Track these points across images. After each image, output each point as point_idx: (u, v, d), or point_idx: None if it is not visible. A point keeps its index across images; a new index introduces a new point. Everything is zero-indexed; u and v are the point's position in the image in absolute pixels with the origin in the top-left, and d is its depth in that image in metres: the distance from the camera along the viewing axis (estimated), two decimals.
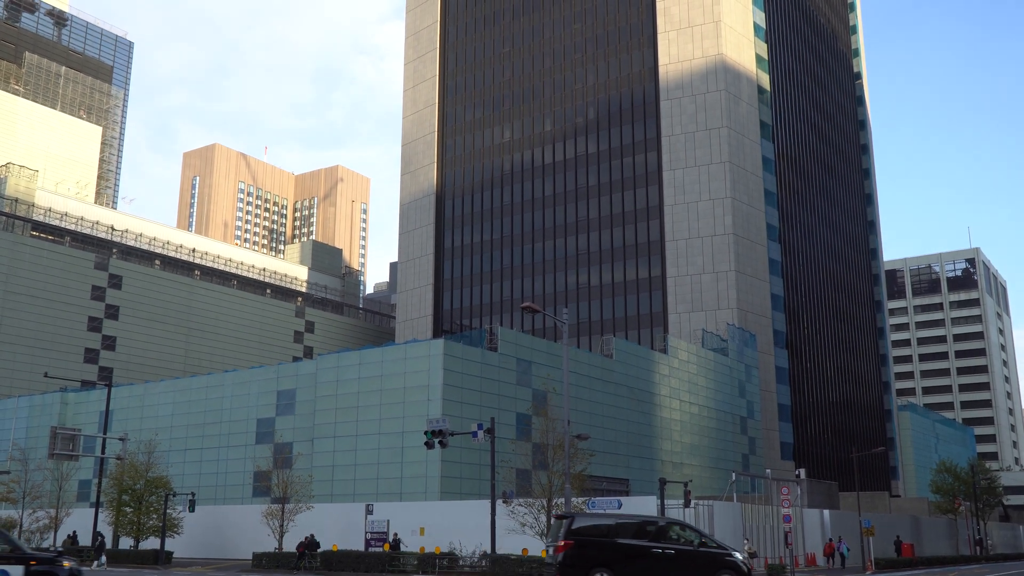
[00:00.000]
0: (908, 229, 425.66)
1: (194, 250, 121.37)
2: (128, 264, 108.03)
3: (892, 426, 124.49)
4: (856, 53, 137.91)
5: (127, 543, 56.34)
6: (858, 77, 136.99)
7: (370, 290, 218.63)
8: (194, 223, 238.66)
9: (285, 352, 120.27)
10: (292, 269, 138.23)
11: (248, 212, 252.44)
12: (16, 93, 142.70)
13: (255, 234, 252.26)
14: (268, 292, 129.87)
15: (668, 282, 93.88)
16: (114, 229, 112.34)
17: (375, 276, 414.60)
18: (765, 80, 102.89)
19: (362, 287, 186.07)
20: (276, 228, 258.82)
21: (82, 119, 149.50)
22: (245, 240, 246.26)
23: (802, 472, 62.82)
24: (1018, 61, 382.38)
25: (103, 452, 56.48)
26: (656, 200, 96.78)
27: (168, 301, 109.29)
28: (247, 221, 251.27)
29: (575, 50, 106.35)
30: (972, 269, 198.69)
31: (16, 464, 59.83)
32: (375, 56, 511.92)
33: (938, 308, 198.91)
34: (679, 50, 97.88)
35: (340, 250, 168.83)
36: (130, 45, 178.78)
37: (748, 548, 47.80)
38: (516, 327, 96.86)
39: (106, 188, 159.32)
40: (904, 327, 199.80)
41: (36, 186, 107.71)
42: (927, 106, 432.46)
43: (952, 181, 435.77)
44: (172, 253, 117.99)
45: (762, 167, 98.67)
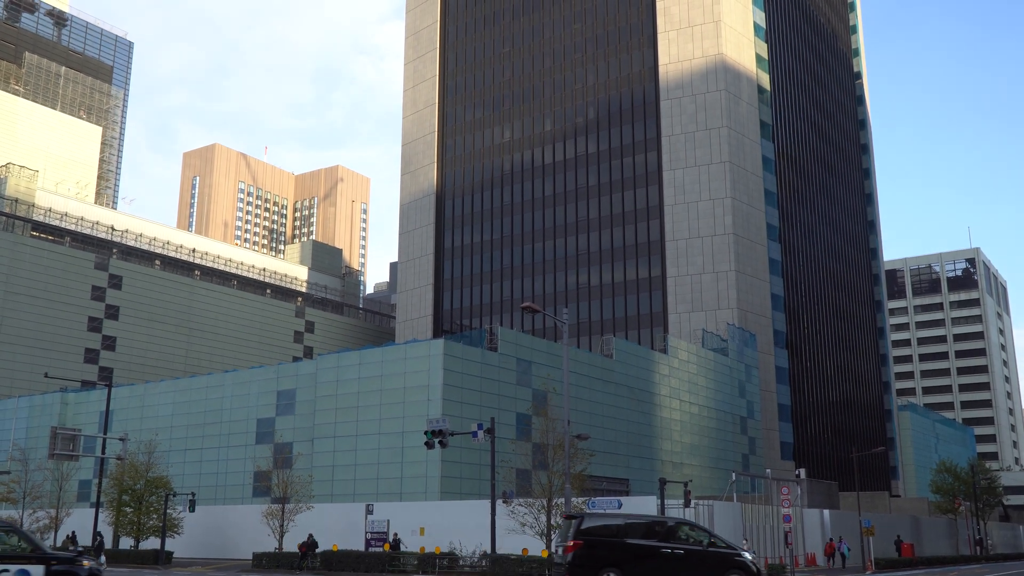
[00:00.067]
0: (908, 229, 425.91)
1: (194, 250, 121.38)
2: (128, 264, 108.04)
3: (892, 426, 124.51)
4: (856, 53, 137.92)
5: (127, 543, 56.35)
6: (858, 77, 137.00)
7: (370, 290, 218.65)
8: (194, 223, 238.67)
9: (285, 352, 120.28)
10: (292, 269, 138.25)
11: (248, 212, 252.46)
12: (16, 93, 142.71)
13: (255, 234, 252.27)
14: (268, 292, 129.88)
15: (668, 282, 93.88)
16: (114, 229, 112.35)
17: (375, 276, 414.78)
18: (765, 80, 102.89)
19: (362, 287, 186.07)
20: (276, 228, 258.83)
21: (82, 119, 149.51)
22: (245, 240, 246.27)
23: (802, 472, 62.81)
24: (1018, 61, 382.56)
25: (103, 452, 56.45)
26: (656, 200, 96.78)
27: (168, 301, 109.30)
28: (247, 221, 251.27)
29: (575, 50, 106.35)
30: (972, 269, 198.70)
31: (16, 464, 59.80)
32: (375, 56, 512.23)
33: (938, 308, 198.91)
34: (679, 50, 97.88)
35: (340, 250, 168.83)
36: (130, 45, 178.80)
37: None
38: (516, 327, 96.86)
39: (106, 188, 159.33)
40: (904, 327, 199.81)
41: (36, 186, 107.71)
42: (927, 106, 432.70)
43: (952, 181, 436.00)
44: (172, 253, 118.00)
45: (762, 167, 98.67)
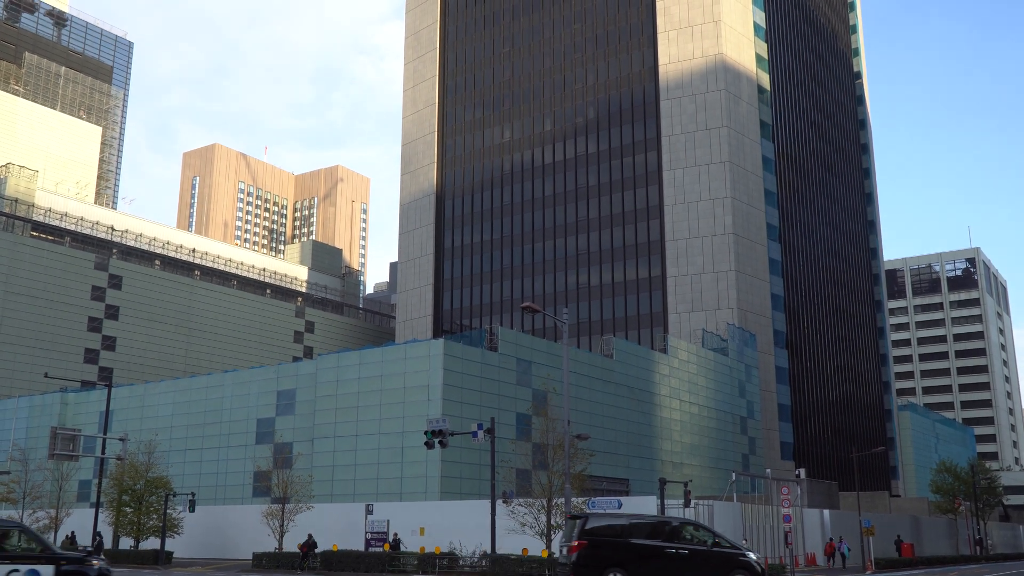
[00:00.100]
0: (908, 229, 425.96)
1: (194, 250, 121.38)
2: (128, 264, 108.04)
3: (892, 426, 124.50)
4: (856, 52, 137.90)
5: (127, 543, 56.35)
6: (858, 76, 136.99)
7: (370, 290, 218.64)
8: (194, 223, 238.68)
9: (285, 352, 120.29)
10: (292, 269, 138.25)
11: (248, 212, 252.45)
12: (16, 93, 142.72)
13: (255, 234, 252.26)
14: (268, 292, 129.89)
15: (668, 282, 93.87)
16: (114, 229, 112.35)
17: (375, 276, 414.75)
18: (765, 80, 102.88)
19: (362, 287, 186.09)
20: (276, 228, 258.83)
21: (82, 119, 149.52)
22: (245, 240, 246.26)
23: (802, 472, 62.80)
24: (1018, 61, 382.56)
25: (103, 452, 56.46)
26: (656, 200, 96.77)
27: (168, 301, 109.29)
28: (247, 221, 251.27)
29: (575, 50, 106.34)
30: (972, 269, 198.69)
31: (16, 464, 59.80)
32: (375, 56, 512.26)
33: (938, 308, 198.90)
34: (679, 50, 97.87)
35: (340, 250, 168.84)
36: (130, 45, 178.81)
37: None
38: (516, 327, 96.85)
39: (106, 188, 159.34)
40: (904, 327, 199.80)
41: (36, 186, 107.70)
42: (927, 105, 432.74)
43: (952, 181, 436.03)
44: (172, 253, 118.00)
45: (762, 167, 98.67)
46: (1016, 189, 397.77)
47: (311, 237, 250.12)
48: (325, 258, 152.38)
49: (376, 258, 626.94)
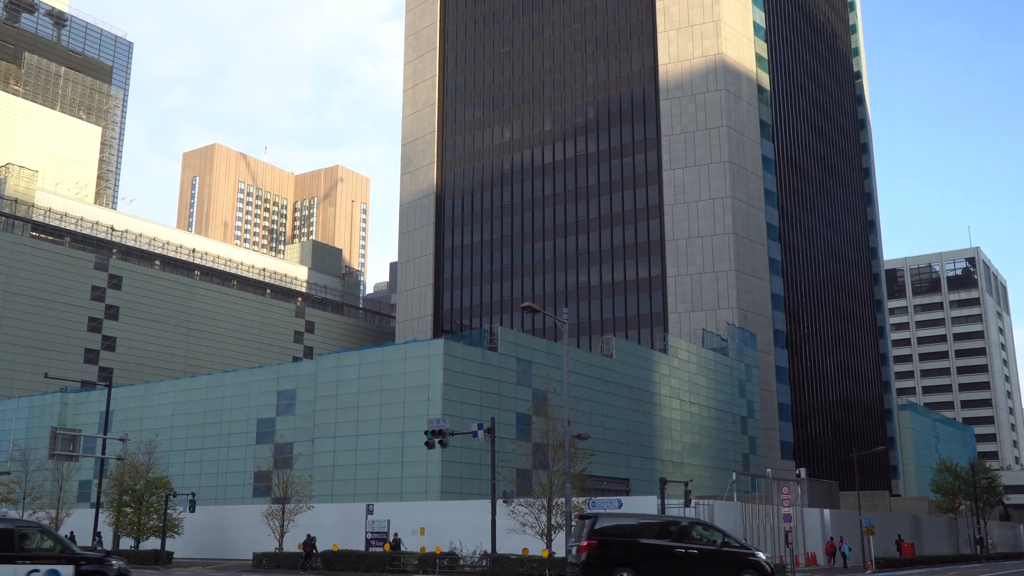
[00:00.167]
0: (908, 228, 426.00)
1: (194, 250, 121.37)
2: (128, 264, 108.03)
3: (892, 425, 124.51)
4: (856, 52, 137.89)
5: (128, 543, 56.33)
6: (858, 76, 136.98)
7: (370, 290, 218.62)
8: (194, 223, 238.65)
9: (285, 352, 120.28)
10: (292, 269, 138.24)
11: (248, 212, 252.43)
12: (16, 93, 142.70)
13: (255, 234, 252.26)
14: (268, 292, 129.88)
15: (668, 282, 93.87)
16: (114, 229, 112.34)
17: (375, 276, 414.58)
18: (765, 79, 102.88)
19: (362, 287, 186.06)
20: (276, 228, 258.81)
21: (82, 119, 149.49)
22: (245, 240, 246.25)
23: (802, 471, 62.78)
24: (1018, 61, 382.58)
25: (103, 452, 56.46)
26: (656, 200, 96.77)
27: (168, 301, 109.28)
28: (247, 221, 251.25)
29: (575, 50, 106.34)
30: (972, 268, 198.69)
31: (16, 465, 59.78)
32: (375, 56, 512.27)
33: (938, 307, 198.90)
34: (679, 50, 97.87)
35: (340, 250, 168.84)
36: (130, 45, 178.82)
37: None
38: (516, 327, 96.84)
39: (106, 188, 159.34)
40: (904, 326, 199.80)
41: (36, 186, 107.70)
42: (927, 105, 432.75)
43: (952, 181, 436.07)
44: (172, 253, 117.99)
45: (762, 166, 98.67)
46: (1016, 189, 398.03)
47: (311, 237, 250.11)
48: (325, 258, 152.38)
49: (376, 258, 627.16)
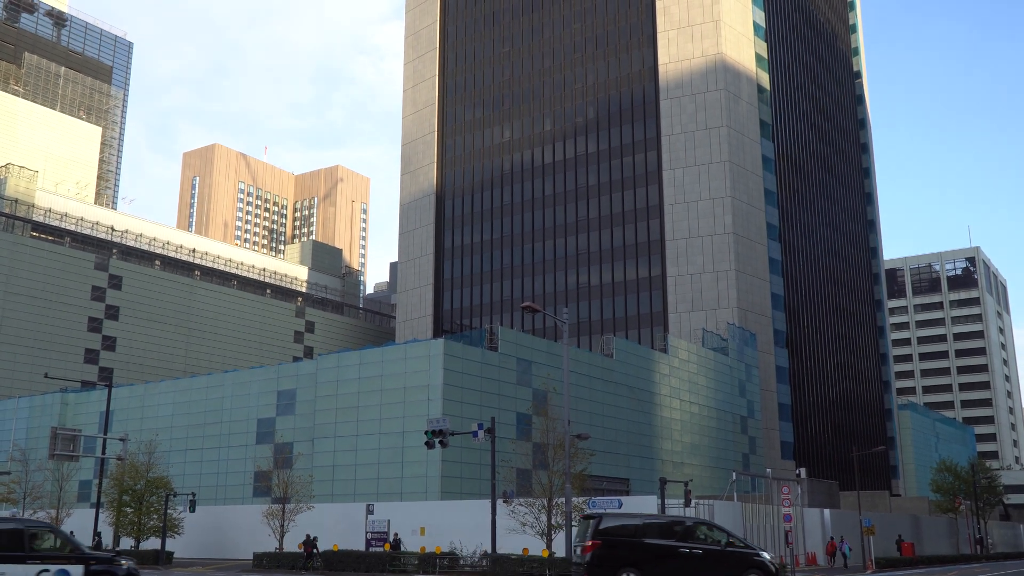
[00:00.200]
0: (908, 228, 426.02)
1: (194, 250, 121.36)
2: (128, 264, 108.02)
3: (892, 425, 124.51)
4: (856, 52, 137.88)
5: (128, 543, 56.33)
6: (858, 76, 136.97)
7: (370, 290, 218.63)
8: (194, 223, 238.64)
9: (285, 352, 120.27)
10: (292, 269, 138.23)
11: (248, 212, 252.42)
12: (16, 93, 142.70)
13: (255, 234, 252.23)
14: (268, 292, 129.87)
15: (668, 281, 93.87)
16: (114, 229, 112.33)
17: (375, 276, 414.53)
18: (765, 79, 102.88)
19: (362, 287, 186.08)
20: (276, 228, 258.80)
21: (82, 119, 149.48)
22: (245, 240, 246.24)
23: (802, 471, 62.77)
24: (1018, 61, 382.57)
25: (103, 452, 56.45)
26: (656, 199, 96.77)
27: (168, 301, 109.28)
28: (247, 221, 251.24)
29: (575, 50, 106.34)
30: (972, 268, 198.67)
31: (16, 465, 59.79)
32: (375, 56, 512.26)
33: (938, 307, 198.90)
34: (679, 49, 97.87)
35: (340, 250, 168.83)
36: (130, 45, 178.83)
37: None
38: (516, 327, 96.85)
39: (106, 188, 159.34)
40: (904, 326, 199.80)
41: (36, 186, 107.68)
42: (927, 105, 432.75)
43: (952, 181, 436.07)
44: (172, 253, 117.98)
45: (762, 166, 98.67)
46: (1016, 189, 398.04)
47: (311, 237, 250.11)
48: (325, 258, 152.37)
49: (376, 258, 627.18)
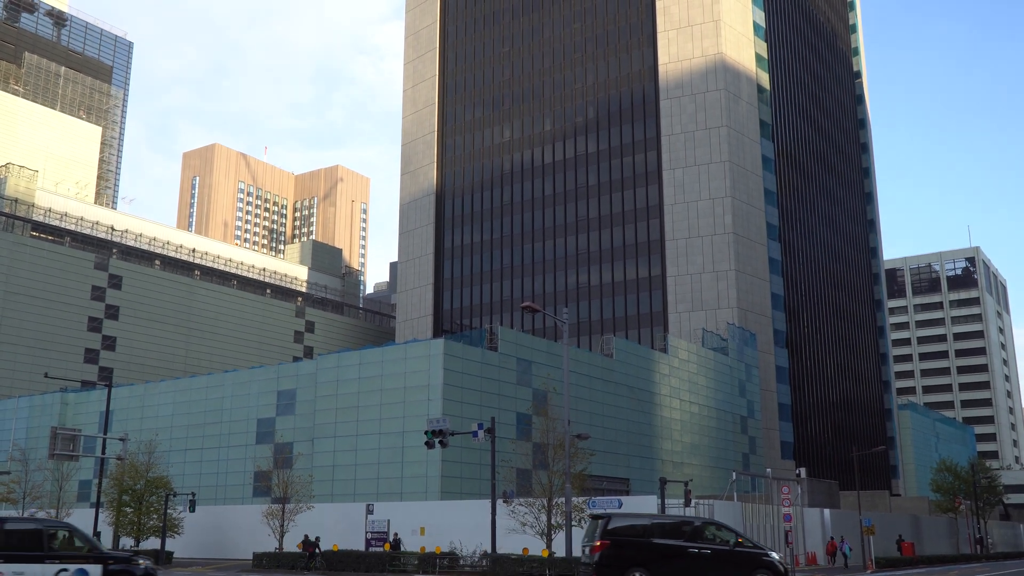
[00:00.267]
0: (908, 228, 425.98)
1: (194, 250, 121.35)
2: (128, 264, 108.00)
3: (892, 425, 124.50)
4: (856, 52, 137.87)
5: (127, 543, 56.32)
6: (858, 76, 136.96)
7: (370, 290, 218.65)
8: (194, 223, 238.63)
9: (285, 352, 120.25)
10: (292, 269, 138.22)
11: (248, 212, 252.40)
12: (16, 93, 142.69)
13: (255, 234, 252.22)
14: (268, 292, 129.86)
15: (668, 281, 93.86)
16: (114, 229, 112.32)
17: (375, 276, 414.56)
18: (765, 79, 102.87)
19: (362, 287, 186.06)
20: (276, 228, 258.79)
21: (82, 119, 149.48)
22: (245, 240, 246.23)
23: (802, 471, 62.76)
24: (1018, 61, 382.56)
25: (103, 452, 56.42)
26: (656, 199, 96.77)
27: (168, 301, 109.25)
28: (247, 221, 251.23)
29: (575, 49, 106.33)
30: (972, 268, 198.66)
31: (16, 464, 59.82)
32: (375, 56, 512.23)
33: (938, 307, 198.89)
34: (679, 49, 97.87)
35: (340, 250, 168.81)
36: (130, 45, 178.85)
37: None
38: (516, 327, 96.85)
39: (106, 188, 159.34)
40: (904, 326, 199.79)
41: (36, 186, 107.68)
42: (927, 105, 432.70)
43: (952, 181, 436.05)
44: (172, 253, 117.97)
45: (762, 166, 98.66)
46: (1016, 189, 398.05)
47: (311, 237, 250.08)
48: (325, 258, 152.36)
49: (376, 258, 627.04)
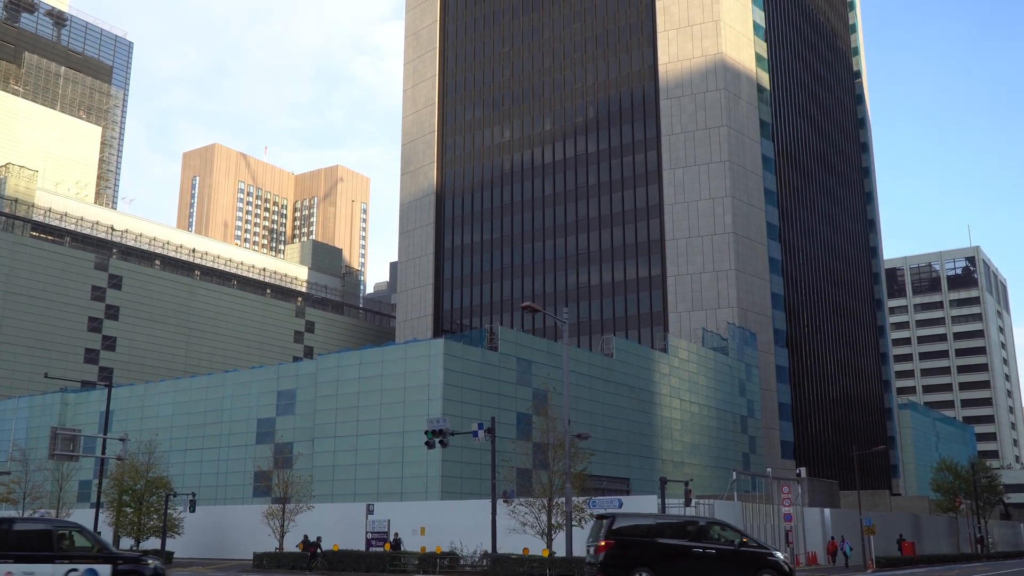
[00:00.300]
0: (908, 227, 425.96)
1: (194, 250, 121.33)
2: (128, 264, 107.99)
3: (893, 424, 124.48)
4: (856, 52, 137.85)
5: (128, 543, 56.31)
6: (858, 75, 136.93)
7: (370, 290, 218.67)
8: (194, 223, 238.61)
9: (285, 352, 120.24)
10: (292, 269, 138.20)
11: (248, 212, 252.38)
12: (16, 93, 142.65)
13: (255, 234, 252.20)
14: (268, 292, 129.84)
15: (668, 281, 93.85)
16: (114, 229, 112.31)
17: (375, 276, 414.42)
18: (765, 79, 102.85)
19: (362, 287, 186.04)
20: (276, 228, 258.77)
21: (82, 119, 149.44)
22: (245, 240, 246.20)
23: (803, 471, 62.79)
24: (1018, 61, 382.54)
25: (103, 452, 56.39)
26: (656, 199, 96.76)
27: (168, 301, 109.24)
28: (247, 221, 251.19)
29: (575, 49, 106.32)
30: (972, 267, 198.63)
31: (16, 465, 59.80)
32: (375, 56, 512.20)
33: (938, 306, 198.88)
34: (679, 49, 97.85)
35: (340, 250, 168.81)
36: (130, 45, 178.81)
37: None
38: (516, 327, 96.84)
39: (106, 188, 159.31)
40: (904, 325, 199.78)
41: (36, 186, 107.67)
42: (927, 104, 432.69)
43: (952, 180, 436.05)
44: (172, 253, 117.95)
45: (762, 166, 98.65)
46: (1016, 188, 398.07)
47: (311, 237, 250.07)
48: (325, 258, 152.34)
49: (376, 258, 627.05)
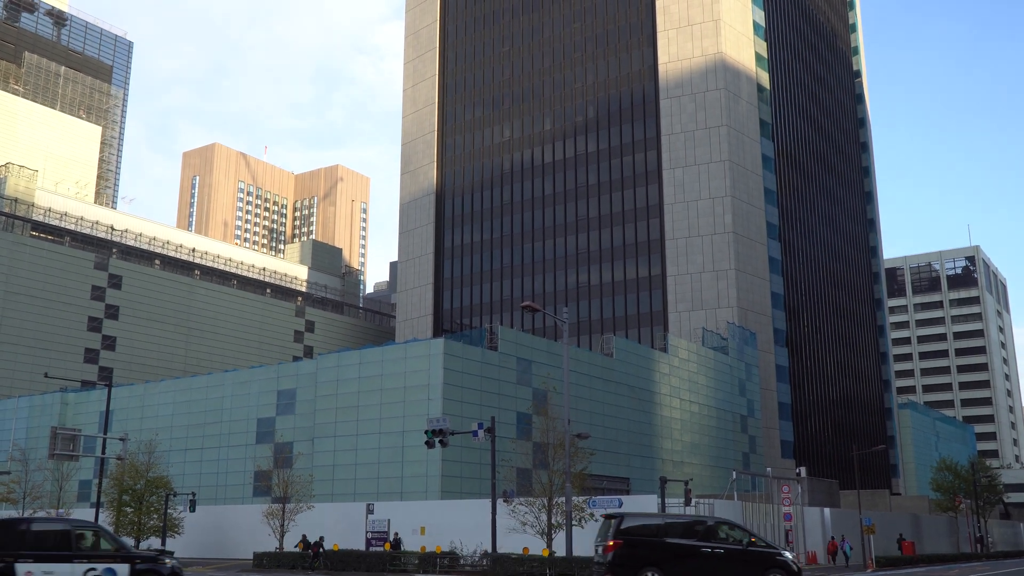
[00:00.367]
0: (908, 227, 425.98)
1: (194, 250, 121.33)
2: (128, 264, 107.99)
3: (892, 424, 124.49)
4: (856, 51, 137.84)
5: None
6: (858, 75, 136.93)
7: (370, 290, 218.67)
8: (194, 223, 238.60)
9: (285, 352, 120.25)
10: (292, 269, 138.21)
11: (248, 212, 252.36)
12: (16, 93, 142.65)
13: (255, 234, 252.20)
14: (268, 292, 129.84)
15: (668, 281, 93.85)
16: (114, 229, 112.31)
17: (375, 276, 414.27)
18: (765, 79, 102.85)
19: (362, 287, 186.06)
20: (276, 228, 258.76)
21: (82, 119, 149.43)
22: (245, 240, 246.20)
23: (803, 470, 62.80)
24: (1018, 61, 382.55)
25: (103, 452, 56.36)
26: (656, 199, 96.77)
27: (168, 301, 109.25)
28: (247, 221, 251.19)
29: (575, 49, 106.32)
30: (972, 267, 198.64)
31: (16, 464, 59.85)
32: (375, 56, 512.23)
33: (938, 306, 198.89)
34: (679, 49, 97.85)
35: (340, 250, 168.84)
36: (130, 45, 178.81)
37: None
38: (516, 326, 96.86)
39: (106, 188, 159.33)
40: (904, 325, 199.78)
41: (36, 186, 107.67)
42: (927, 104, 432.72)
43: (952, 180, 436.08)
44: (172, 253, 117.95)
45: (762, 165, 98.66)
46: (1016, 188, 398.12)
47: (311, 237, 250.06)
48: (325, 258, 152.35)
49: (376, 258, 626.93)
